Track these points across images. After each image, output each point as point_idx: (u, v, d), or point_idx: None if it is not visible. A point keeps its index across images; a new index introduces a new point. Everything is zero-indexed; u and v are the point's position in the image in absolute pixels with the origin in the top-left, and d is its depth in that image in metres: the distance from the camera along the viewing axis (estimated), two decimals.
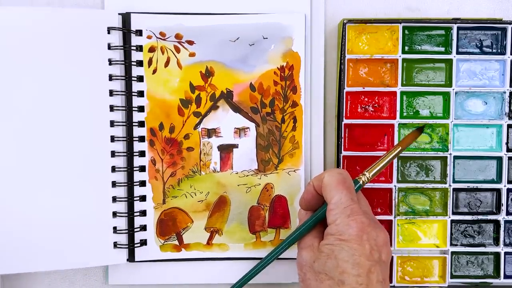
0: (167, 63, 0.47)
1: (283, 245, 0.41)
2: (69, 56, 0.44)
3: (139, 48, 0.46)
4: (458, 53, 0.47)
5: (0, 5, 0.46)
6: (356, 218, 0.36)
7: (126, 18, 0.45)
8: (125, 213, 0.46)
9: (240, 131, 0.47)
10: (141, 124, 0.46)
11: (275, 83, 0.47)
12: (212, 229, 0.48)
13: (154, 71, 0.46)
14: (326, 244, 0.37)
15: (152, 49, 0.46)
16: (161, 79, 0.46)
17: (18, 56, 0.44)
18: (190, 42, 0.47)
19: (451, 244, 0.48)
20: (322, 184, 0.39)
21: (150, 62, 0.46)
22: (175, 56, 0.47)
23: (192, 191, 0.47)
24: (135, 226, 0.46)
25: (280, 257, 0.42)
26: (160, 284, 0.48)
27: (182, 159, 0.47)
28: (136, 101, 0.46)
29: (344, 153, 0.47)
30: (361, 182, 0.40)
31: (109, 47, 0.45)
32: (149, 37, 0.46)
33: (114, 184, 0.45)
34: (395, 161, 0.47)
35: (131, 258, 0.47)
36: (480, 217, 0.47)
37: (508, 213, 0.47)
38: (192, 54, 0.47)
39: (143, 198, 0.47)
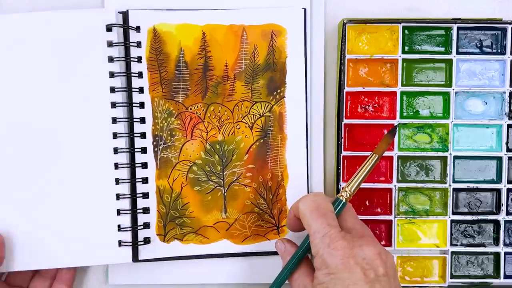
0: None
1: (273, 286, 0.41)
2: (70, 56, 0.45)
3: (139, 45, 0.46)
4: (458, 53, 0.47)
5: (2, 11, 0.48)
6: (336, 246, 0.35)
7: (125, 15, 0.46)
8: (129, 210, 0.46)
9: None
10: (143, 120, 0.47)
11: None
12: None
13: None
14: (318, 284, 0.36)
15: None
16: None
17: (21, 59, 0.45)
18: None
19: (451, 244, 0.48)
20: (299, 213, 0.39)
21: None
22: None
23: None
24: (138, 224, 0.46)
25: None
26: (160, 284, 0.48)
27: None
28: (137, 97, 0.46)
29: (344, 153, 0.47)
30: (344, 200, 0.39)
31: (109, 45, 0.45)
32: None
33: (117, 181, 0.45)
34: (395, 161, 0.47)
35: (135, 256, 0.46)
36: (480, 217, 0.47)
37: (508, 213, 0.47)
38: None
39: (146, 195, 0.47)
